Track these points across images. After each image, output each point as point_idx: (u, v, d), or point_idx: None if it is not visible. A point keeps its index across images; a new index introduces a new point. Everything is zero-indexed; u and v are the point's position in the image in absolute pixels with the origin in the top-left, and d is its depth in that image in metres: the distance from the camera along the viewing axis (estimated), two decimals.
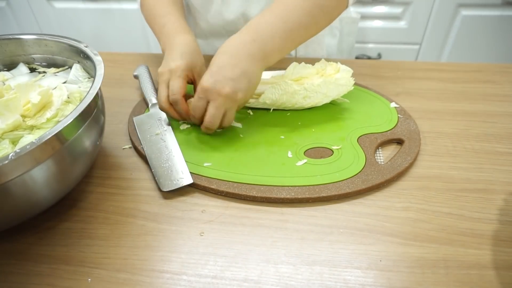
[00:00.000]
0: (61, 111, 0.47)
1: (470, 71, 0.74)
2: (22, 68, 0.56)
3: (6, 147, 0.41)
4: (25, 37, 0.55)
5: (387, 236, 0.43)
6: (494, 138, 0.57)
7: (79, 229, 0.45)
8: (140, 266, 0.41)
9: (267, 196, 0.47)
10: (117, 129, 0.61)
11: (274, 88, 0.58)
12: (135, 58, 0.82)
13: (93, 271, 0.40)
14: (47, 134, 0.36)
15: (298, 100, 0.59)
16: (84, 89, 0.51)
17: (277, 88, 0.58)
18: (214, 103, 0.51)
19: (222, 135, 0.58)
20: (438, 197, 0.48)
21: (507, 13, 1.27)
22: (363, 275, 0.39)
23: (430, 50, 1.41)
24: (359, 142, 0.55)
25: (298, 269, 0.40)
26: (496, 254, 0.41)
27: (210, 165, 0.52)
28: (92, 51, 0.51)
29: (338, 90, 0.60)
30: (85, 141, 0.44)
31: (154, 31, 0.67)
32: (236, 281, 0.39)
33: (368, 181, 0.48)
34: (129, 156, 0.56)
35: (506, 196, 0.48)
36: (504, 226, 0.44)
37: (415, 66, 0.77)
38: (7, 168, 0.35)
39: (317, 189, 0.48)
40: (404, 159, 0.52)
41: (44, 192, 0.41)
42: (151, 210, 0.47)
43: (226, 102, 0.51)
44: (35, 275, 0.40)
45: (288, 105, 0.60)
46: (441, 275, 0.39)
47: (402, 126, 0.58)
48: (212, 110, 0.52)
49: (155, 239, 0.44)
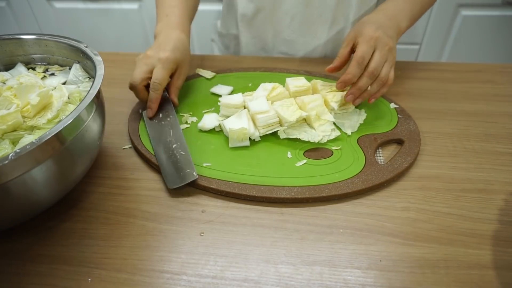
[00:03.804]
0: (61, 112, 0.47)
1: (470, 71, 0.74)
2: (20, 68, 0.56)
3: (6, 147, 0.41)
4: (25, 37, 0.55)
5: (387, 236, 0.43)
6: (494, 138, 0.57)
7: (80, 229, 0.45)
8: (140, 266, 0.41)
9: (267, 196, 0.47)
10: (117, 129, 0.61)
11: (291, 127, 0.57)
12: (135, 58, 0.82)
13: (93, 271, 0.40)
14: (47, 134, 0.36)
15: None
16: (84, 89, 0.51)
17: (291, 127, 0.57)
18: (380, 52, 0.55)
19: (222, 135, 0.58)
20: (438, 197, 0.48)
21: (507, 13, 1.27)
22: (363, 275, 0.39)
23: (430, 50, 1.40)
24: (359, 143, 0.55)
25: (298, 269, 0.40)
26: (496, 254, 0.41)
27: (209, 165, 0.52)
28: (92, 51, 0.50)
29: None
30: (85, 141, 0.44)
31: (157, 13, 0.69)
32: (236, 281, 0.39)
33: (368, 181, 0.48)
34: (129, 156, 0.56)
35: (506, 196, 0.48)
36: (504, 226, 0.44)
37: (415, 66, 0.77)
38: (7, 168, 0.35)
39: (317, 189, 0.48)
40: (404, 159, 0.52)
41: (44, 192, 0.41)
42: (151, 210, 0.47)
43: (388, 54, 0.55)
44: (35, 275, 0.40)
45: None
46: (441, 275, 0.39)
47: (402, 126, 0.58)
48: (378, 57, 0.54)
49: (155, 239, 0.44)
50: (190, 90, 0.69)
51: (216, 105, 0.64)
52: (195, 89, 0.70)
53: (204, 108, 0.64)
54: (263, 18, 0.81)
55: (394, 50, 0.57)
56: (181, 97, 0.67)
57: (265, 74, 0.73)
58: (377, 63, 0.54)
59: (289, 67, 0.76)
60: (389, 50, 0.55)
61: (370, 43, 0.54)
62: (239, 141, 0.55)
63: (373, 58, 0.55)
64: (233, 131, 0.54)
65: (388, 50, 0.55)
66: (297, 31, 0.81)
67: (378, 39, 0.55)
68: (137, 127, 0.59)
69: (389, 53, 0.56)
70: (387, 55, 0.55)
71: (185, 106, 0.65)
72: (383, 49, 0.55)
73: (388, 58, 0.56)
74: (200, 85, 0.70)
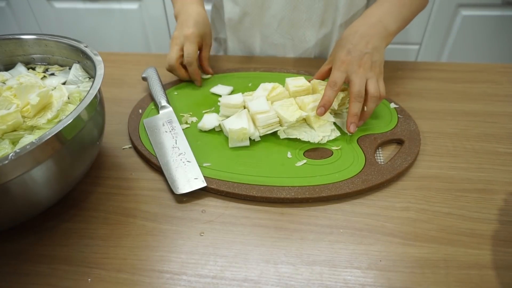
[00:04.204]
0: (61, 112, 0.47)
1: (470, 71, 0.74)
2: (20, 68, 0.56)
3: (6, 147, 0.41)
4: (25, 37, 0.55)
5: (387, 236, 0.43)
6: (494, 138, 0.57)
7: (79, 229, 0.45)
8: (140, 266, 0.41)
9: (267, 196, 0.47)
10: (117, 129, 0.61)
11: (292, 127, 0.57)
12: (135, 58, 0.82)
13: (93, 271, 0.40)
14: (47, 134, 0.36)
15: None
16: (84, 89, 0.51)
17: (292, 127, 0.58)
18: (356, 74, 0.55)
19: (222, 135, 0.58)
20: (438, 197, 0.48)
21: (507, 13, 1.27)
22: (363, 275, 0.39)
23: (430, 50, 1.40)
24: (359, 143, 0.55)
25: (298, 269, 0.40)
26: (496, 254, 0.41)
27: (209, 165, 0.52)
28: (92, 51, 0.50)
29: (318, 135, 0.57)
30: (85, 141, 0.44)
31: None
32: (236, 281, 0.39)
33: (368, 181, 0.48)
34: (129, 156, 0.56)
35: (506, 196, 0.48)
36: (504, 226, 0.44)
37: (415, 66, 0.77)
38: (7, 168, 0.35)
39: (317, 189, 0.48)
40: (404, 159, 0.52)
41: (44, 192, 0.41)
42: (151, 210, 0.47)
43: (365, 73, 0.56)
44: (35, 275, 0.40)
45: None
46: (441, 275, 0.39)
47: (402, 126, 0.58)
48: (356, 79, 0.55)
49: (155, 239, 0.44)
50: (190, 90, 0.69)
51: (216, 105, 0.64)
52: (195, 89, 0.70)
53: (204, 108, 0.64)
54: (249, 22, 0.81)
55: (376, 63, 0.57)
56: (181, 97, 0.67)
57: (265, 74, 0.73)
58: (359, 86, 0.54)
59: (288, 67, 0.76)
60: (366, 69, 0.56)
61: (340, 68, 0.56)
62: (239, 141, 0.55)
63: (352, 81, 0.55)
64: (233, 131, 0.54)
65: (366, 69, 0.56)
66: (286, 35, 0.81)
67: (349, 63, 0.56)
68: (137, 127, 0.59)
69: (368, 70, 0.56)
70: (365, 73, 0.56)
71: (185, 106, 0.65)
72: (359, 71, 0.55)
73: (369, 75, 0.56)
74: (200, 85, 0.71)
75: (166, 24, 1.48)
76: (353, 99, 0.55)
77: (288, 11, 0.77)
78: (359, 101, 0.55)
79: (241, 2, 0.77)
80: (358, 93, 0.54)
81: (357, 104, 0.55)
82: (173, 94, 0.68)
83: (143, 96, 0.68)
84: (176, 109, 0.63)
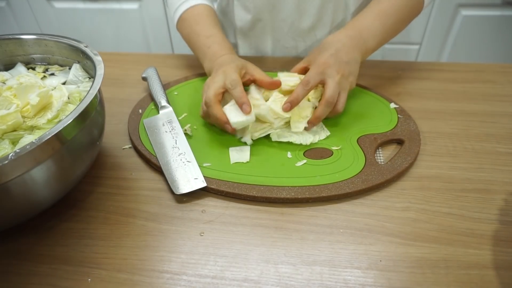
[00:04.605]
0: (61, 112, 0.47)
1: (470, 71, 0.74)
2: (20, 68, 0.56)
3: (6, 147, 0.41)
4: (25, 37, 0.55)
5: (387, 236, 0.43)
6: (494, 138, 0.57)
7: (79, 229, 0.45)
8: (140, 266, 0.41)
9: (267, 196, 0.47)
10: (117, 129, 0.61)
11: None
12: (135, 58, 0.82)
13: (93, 271, 0.40)
14: (47, 134, 0.36)
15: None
16: (84, 89, 0.51)
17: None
18: (333, 79, 0.55)
19: (221, 136, 0.58)
20: (438, 197, 0.48)
21: (507, 13, 1.27)
22: (363, 275, 0.39)
23: (430, 50, 1.40)
24: (359, 143, 0.55)
25: (298, 269, 0.40)
26: (496, 254, 0.41)
27: (209, 165, 0.52)
28: (92, 51, 0.50)
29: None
30: (85, 141, 0.44)
31: (195, 49, 0.70)
32: (236, 281, 0.39)
33: (368, 181, 0.48)
34: (129, 156, 0.56)
35: (506, 196, 0.48)
36: (504, 226, 0.44)
37: (415, 66, 0.77)
38: (7, 168, 0.35)
39: (317, 189, 0.48)
40: (404, 159, 0.52)
41: (44, 192, 0.41)
42: (151, 210, 0.47)
43: (341, 81, 0.56)
44: (35, 275, 0.40)
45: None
46: (441, 275, 0.39)
47: (402, 126, 0.58)
48: (332, 84, 0.55)
49: (155, 239, 0.44)
50: (190, 90, 0.69)
51: None
52: (195, 89, 0.70)
53: None
54: (261, 27, 0.80)
55: (352, 74, 0.57)
56: (181, 97, 0.67)
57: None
58: (333, 91, 0.54)
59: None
60: (343, 77, 0.56)
61: (319, 69, 0.55)
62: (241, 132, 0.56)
63: (328, 85, 0.55)
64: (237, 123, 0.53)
65: (342, 77, 0.56)
66: (297, 37, 0.80)
67: (329, 66, 0.55)
68: (137, 127, 0.59)
69: (344, 79, 0.56)
70: (341, 81, 0.56)
71: (185, 106, 0.65)
72: (336, 77, 0.55)
73: (343, 85, 0.56)
74: (200, 85, 0.70)
75: (166, 24, 1.48)
76: (324, 101, 0.54)
77: (298, 14, 0.76)
78: (328, 106, 0.55)
79: (253, 10, 0.77)
80: (331, 98, 0.54)
81: (326, 109, 0.55)
82: (173, 94, 0.68)
83: (143, 96, 0.68)
84: (176, 109, 0.63)
